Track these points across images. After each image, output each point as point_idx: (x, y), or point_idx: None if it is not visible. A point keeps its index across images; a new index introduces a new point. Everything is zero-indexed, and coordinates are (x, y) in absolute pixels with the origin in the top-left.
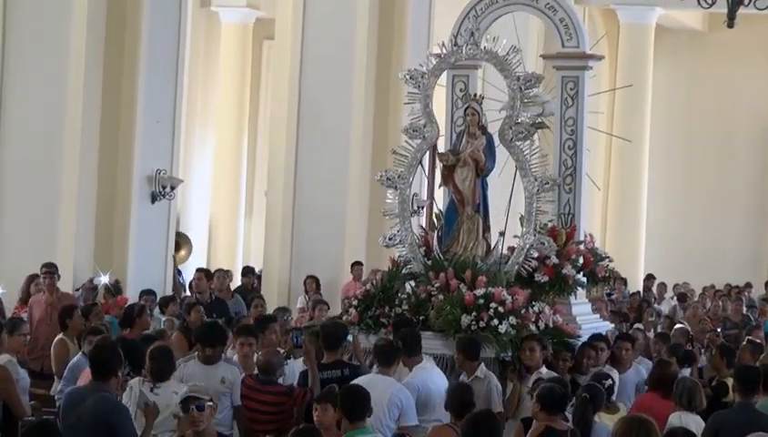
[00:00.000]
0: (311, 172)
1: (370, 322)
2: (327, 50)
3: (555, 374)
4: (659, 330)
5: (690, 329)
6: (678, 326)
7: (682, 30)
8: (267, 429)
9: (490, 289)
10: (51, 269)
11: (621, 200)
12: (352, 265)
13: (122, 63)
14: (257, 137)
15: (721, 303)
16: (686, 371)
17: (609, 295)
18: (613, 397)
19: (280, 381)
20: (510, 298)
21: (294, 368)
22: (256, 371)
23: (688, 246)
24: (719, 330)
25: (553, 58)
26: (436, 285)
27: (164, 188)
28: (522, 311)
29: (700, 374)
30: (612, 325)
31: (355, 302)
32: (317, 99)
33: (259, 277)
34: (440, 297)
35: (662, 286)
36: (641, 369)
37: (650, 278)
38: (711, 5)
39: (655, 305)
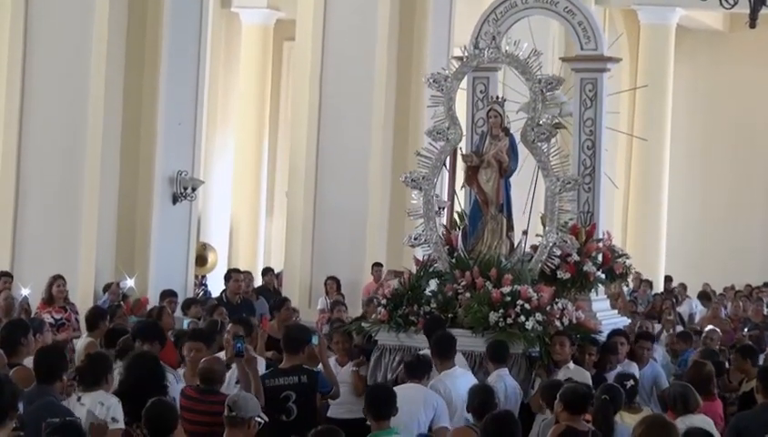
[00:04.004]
0: (332, 173)
1: (400, 321)
2: (347, 51)
3: (582, 369)
4: (678, 329)
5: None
6: (709, 327)
7: (702, 30)
8: None
9: (516, 286)
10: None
11: (642, 201)
12: (372, 266)
13: (143, 64)
14: (278, 138)
15: (741, 304)
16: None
17: (632, 296)
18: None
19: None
20: (535, 295)
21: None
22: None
23: (708, 246)
24: (745, 330)
25: (572, 61)
26: (462, 283)
27: (185, 189)
28: (548, 308)
29: (728, 378)
30: (629, 320)
31: (384, 301)
32: (337, 100)
33: (278, 276)
34: (467, 295)
35: (682, 286)
36: (656, 365)
37: (668, 279)
38: (733, 6)
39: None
